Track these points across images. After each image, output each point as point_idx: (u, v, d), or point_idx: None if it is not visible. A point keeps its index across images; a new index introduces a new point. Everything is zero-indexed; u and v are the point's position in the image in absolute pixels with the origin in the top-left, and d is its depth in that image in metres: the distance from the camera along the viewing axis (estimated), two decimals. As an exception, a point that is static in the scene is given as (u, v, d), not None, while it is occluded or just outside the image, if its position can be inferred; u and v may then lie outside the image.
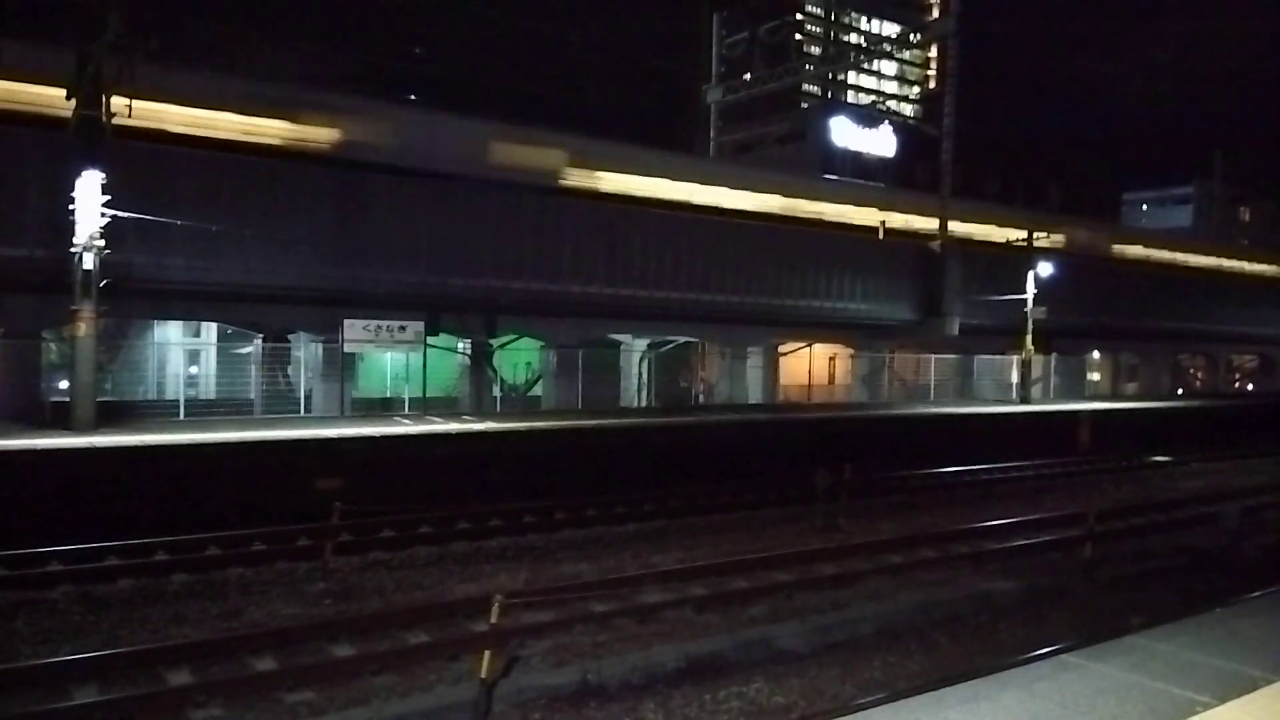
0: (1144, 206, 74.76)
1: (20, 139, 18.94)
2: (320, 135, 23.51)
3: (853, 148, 43.22)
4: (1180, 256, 46.93)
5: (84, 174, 16.31)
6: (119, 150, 16.81)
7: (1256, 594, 9.61)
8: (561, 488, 17.48)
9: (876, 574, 12.98)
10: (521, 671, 9.06)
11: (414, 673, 9.05)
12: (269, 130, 22.87)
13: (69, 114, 16.52)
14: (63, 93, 16.56)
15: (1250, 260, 52.35)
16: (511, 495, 16.77)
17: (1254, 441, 30.69)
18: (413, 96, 31.65)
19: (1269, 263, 53.17)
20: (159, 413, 21.08)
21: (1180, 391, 47.10)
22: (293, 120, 23.08)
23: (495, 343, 26.51)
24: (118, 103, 16.36)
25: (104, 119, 16.33)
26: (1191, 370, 52.04)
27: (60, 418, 16.80)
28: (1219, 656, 6.44)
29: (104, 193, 16.46)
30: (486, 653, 8.49)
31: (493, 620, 8.61)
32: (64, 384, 18.79)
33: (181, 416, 20.49)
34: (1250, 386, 55.08)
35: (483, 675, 8.37)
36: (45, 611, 10.82)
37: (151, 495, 14.62)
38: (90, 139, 16.32)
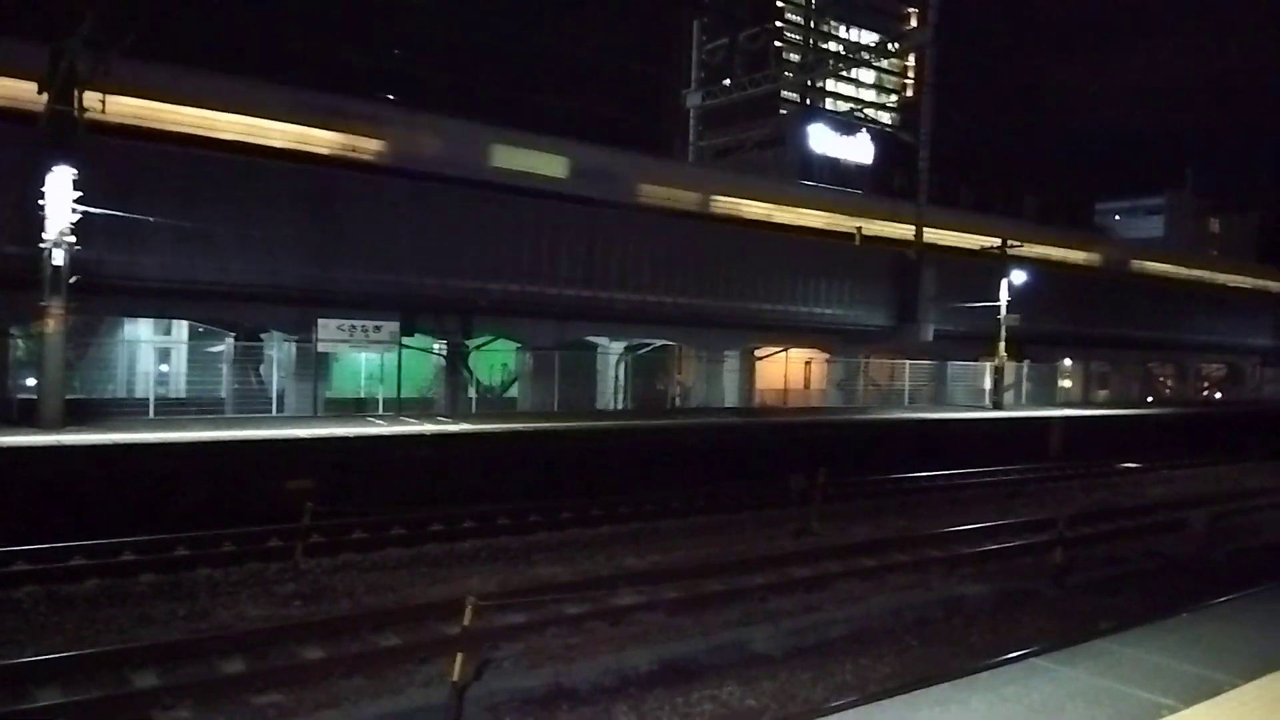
0: (1116, 217, 75.76)
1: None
2: (370, 145, 23.95)
3: (831, 154, 43.48)
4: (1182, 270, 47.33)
5: (55, 169, 16.10)
6: (92, 146, 16.62)
7: (1223, 599, 9.70)
8: (536, 490, 17.43)
9: (849, 577, 13.05)
10: (493, 674, 9.02)
11: (385, 675, 8.99)
12: (318, 139, 23.63)
13: (41, 108, 16.31)
14: (35, 87, 16.36)
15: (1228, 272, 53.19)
16: (485, 497, 16.72)
17: (1222, 449, 31.14)
18: (390, 97, 31.42)
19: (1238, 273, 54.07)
20: (128, 411, 20.80)
21: (1150, 399, 47.70)
22: (344, 130, 23.99)
23: (471, 344, 26.39)
24: (90, 98, 16.18)
25: (76, 114, 16.14)
26: (1161, 378, 52.71)
27: (27, 415, 16.58)
28: (1186, 661, 6.50)
29: (76, 189, 16.26)
30: (459, 655, 8.44)
31: (465, 623, 8.57)
32: (31, 381, 18.51)
33: (151, 415, 20.26)
34: (1219, 395, 55.87)
35: (455, 678, 8.32)
36: (9, 611, 10.68)
37: (119, 494, 14.43)
38: (62, 134, 16.13)
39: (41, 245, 16.19)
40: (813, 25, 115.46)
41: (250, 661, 9.18)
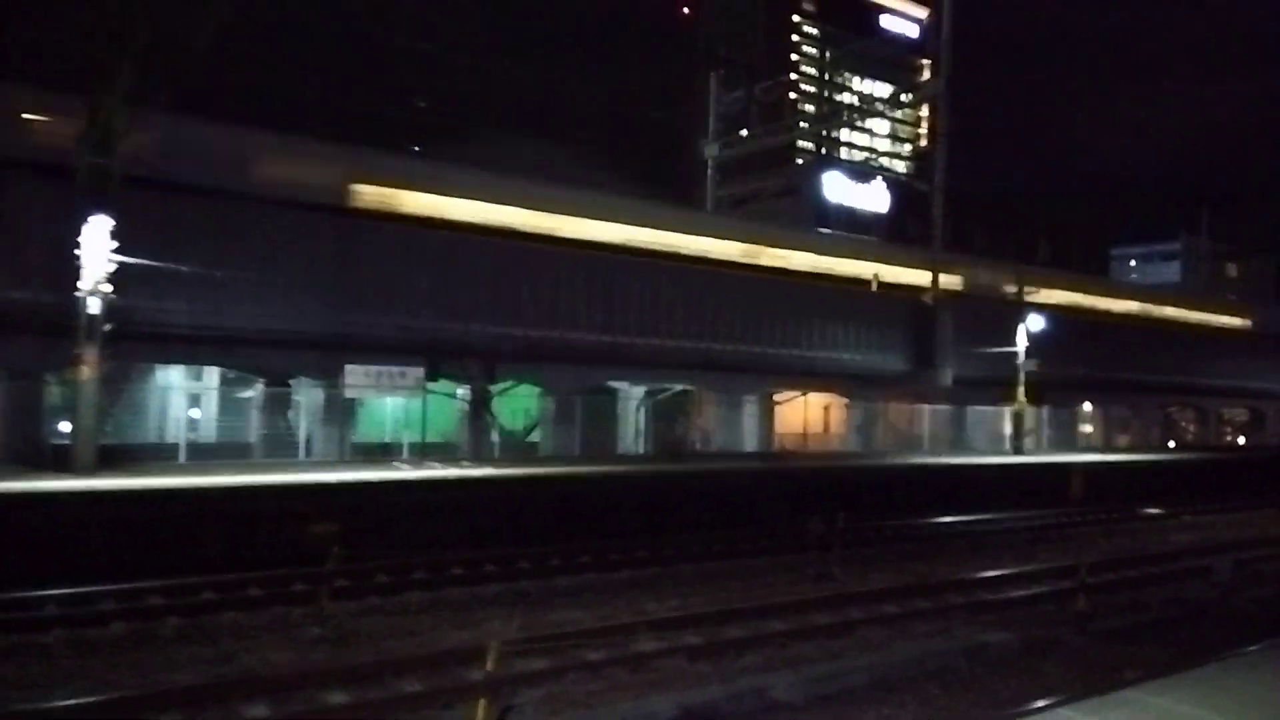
0: (1132, 262, 75.62)
1: (29, 183, 19.23)
2: None
3: (846, 203, 43.88)
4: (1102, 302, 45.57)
5: (92, 220, 16.56)
6: (126, 197, 17.09)
7: (1251, 648, 9.62)
8: (557, 534, 17.49)
9: (870, 623, 12.97)
10: None
11: (408, 720, 9.02)
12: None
13: (78, 159, 16.83)
14: (72, 138, 16.89)
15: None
16: (507, 541, 16.78)
17: (1245, 495, 30.77)
18: (416, 147, 32.14)
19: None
20: (160, 456, 21.06)
21: (1171, 444, 47.23)
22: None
23: (494, 389, 26.62)
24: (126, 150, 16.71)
25: (113, 166, 16.64)
26: (1182, 423, 52.23)
27: (61, 460, 16.83)
28: (1216, 711, 6.42)
29: (111, 238, 16.70)
30: (482, 701, 8.49)
31: (488, 667, 8.62)
32: (65, 426, 18.84)
33: (182, 460, 20.52)
34: (1241, 440, 55.24)
35: (477, 723, 8.36)
36: (37, 656, 10.75)
37: (149, 539, 14.60)
38: (99, 185, 16.61)
39: (77, 293, 16.59)
40: (827, 77, 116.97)
41: (274, 706, 9.19)
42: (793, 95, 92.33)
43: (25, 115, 19.67)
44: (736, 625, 12.46)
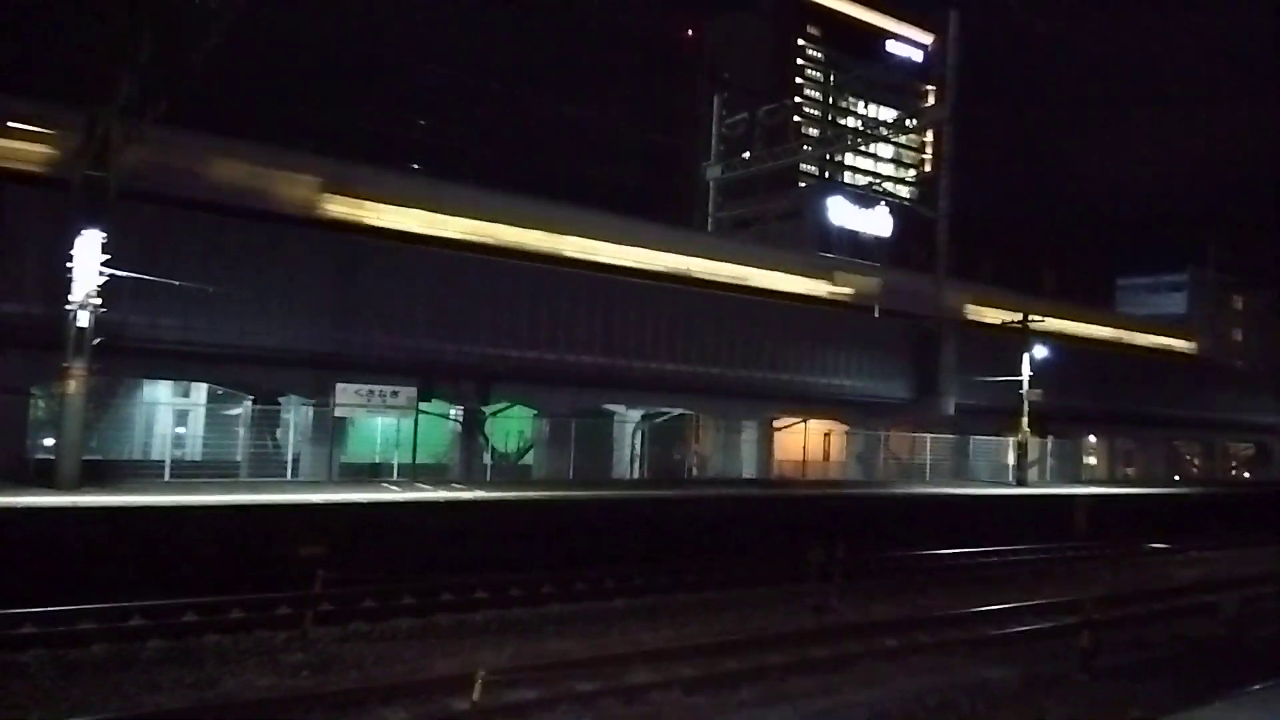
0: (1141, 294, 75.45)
1: (22, 196, 19.08)
2: None
3: (850, 226, 43.83)
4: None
5: (85, 233, 16.40)
6: (120, 210, 16.93)
7: (1257, 686, 9.36)
8: (550, 560, 17.18)
9: (870, 657, 12.67)
10: (501, 753, 8.74)
11: (390, 751, 8.73)
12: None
13: (72, 173, 16.70)
14: (66, 152, 16.78)
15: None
16: (498, 567, 16.48)
17: (1251, 530, 30.41)
18: (415, 166, 32.07)
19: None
20: (144, 473, 20.81)
21: (1177, 478, 46.89)
22: None
23: (488, 410, 26.37)
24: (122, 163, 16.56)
25: (109, 179, 16.50)
26: (1188, 457, 51.91)
27: (44, 476, 16.59)
28: None
29: (103, 251, 16.53)
30: (466, 732, 8.20)
31: (475, 698, 8.34)
32: (50, 441, 18.59)
33: (167, 478, 20.26)
34: (1247, 475, 54.92)
35: (461, 756, 8.07)
36: (15, 675, 10.51)
37: (131, 558, 14.33)
38: (94, 199, 16.46)
39: (67, 307, 16.39)
40: (831, 101, 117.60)
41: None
42: (796, 118, 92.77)
43: (21, 126, 19.55)
44: (733, 657, 12.15)
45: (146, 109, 16.64)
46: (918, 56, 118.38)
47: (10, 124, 19.65)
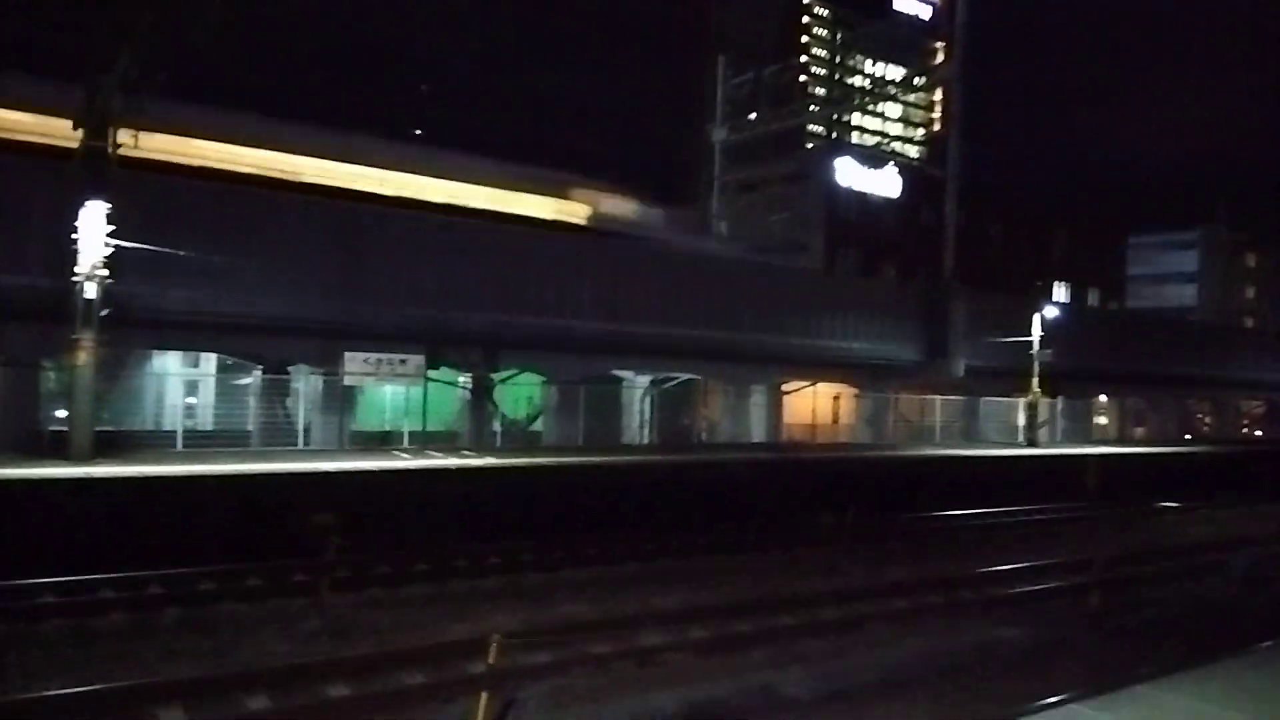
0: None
1: (27, 168, 19.00)
2: None
3: (857, 188, 43.40)
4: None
5: (89, 204, 16.35)
6: (125, 181, 16.87)
7: (1266, 644, 9.39)
8: (561, 526, 17.28)
9: (880, 619, 12.76)
10: (518, 715, 8.85)
11: (409, 714, 8.86)
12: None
13: (76, 144, 16.61)
14: (69, 124, 16.67)
15: None
16: (510, 533, 16.58)
17: (1263, 488, 30.40)
18: (418, 131, 31.79)
19: None
20: (156, 443, 20.93)
21: (1188, 437, 46.82)
22: None
23: (497, 377, 26.40)
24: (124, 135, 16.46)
25: (110, 150, 16.41)
26: (1199, 415, 51.79)
27: (58, 447, 16.69)
28: (1229, 708, 6.33)
29: (109, 223, 16.49)
30: (484, 695, 8.30)
31: (490, 661, 8.42)
32: (62, 413, 18.68)
33: (179, 447, 20.37)
34: (1259, 432, 54.80)
35: (480, 718, 8.16)
36: (35, 645, 10.65)
37: (146, 527, 14.44)
38: (96, 170, 16.39)
39: (74, 279, 16.39)
40: (838, 60, 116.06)
41: (275, 699, 9.06)
42: (803, 78, 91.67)
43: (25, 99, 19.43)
44: (745, 620, 12.24)
45: (146, 80, 16.50)
46: (926, 14, 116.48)
47: (14, 96, 19.50)
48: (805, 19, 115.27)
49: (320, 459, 18.71)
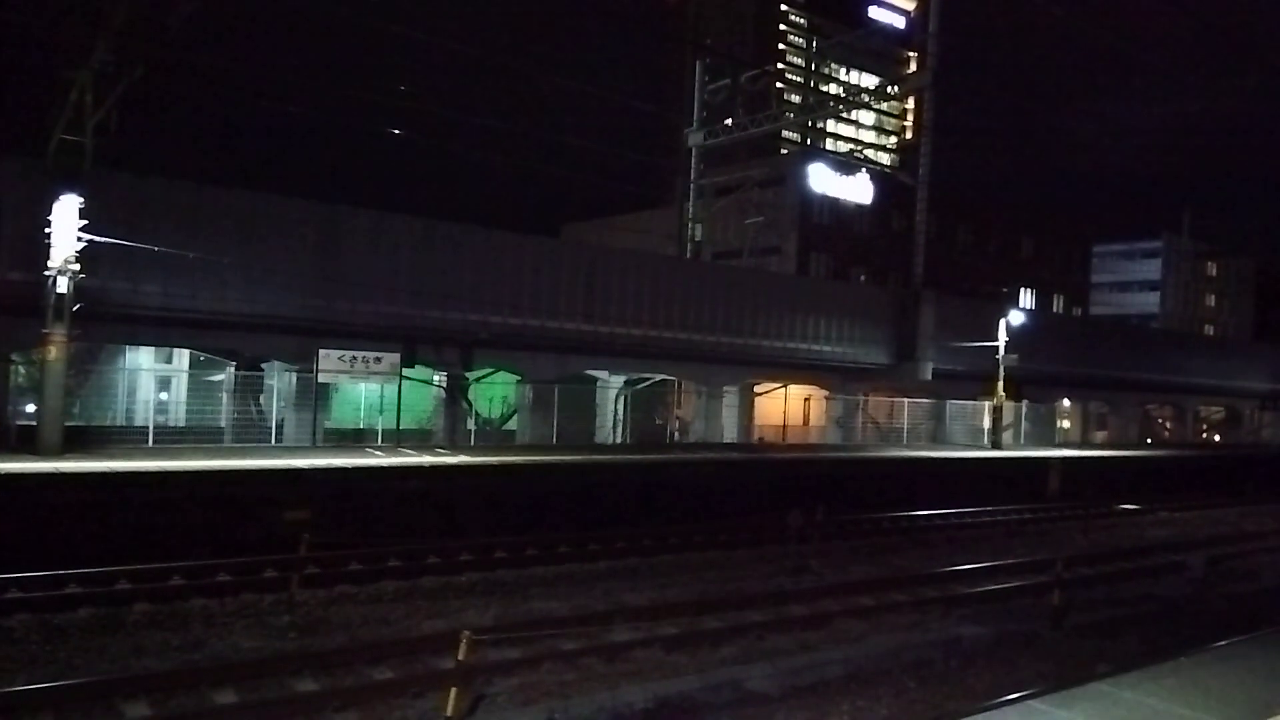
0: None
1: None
2: None
3: (830, 193, 43.77)
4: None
5: (62, 198, 16.24)
6: (99, 176, 16.77)
7: (1221, 643, 9.67)
8: (533, 523, 17.37)
9: (847, 616, 12.97)
10: (487, 710, 8.94)
11: (378, 709, 8.91)
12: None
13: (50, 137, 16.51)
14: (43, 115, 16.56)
15: None
16: (482, 530, 16.64)
17: (1220, 492, 31.05)
18: (396, 131, 31.72)
19: None
20: (127, 439, 20.77)
21: (1149, 441, 47.64)
22: None
23: (471, 376, 26.42)
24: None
25: (85, 144, 16.33)
26: (1160, 420, 52.67)
27: (26, 442, 16.55)
28: (1184, 705, 6.49)
29: (81, 217, 16.38)
30: (453, 690, 8.39)
31: (460, 657, 8.52)
32: (31, 408, 18.51)
33: (150, 443, 20.23)
34: (1217, 438, 55.80)
35: (449, 713, 8.26)
36: (1, 640, 10.58)
37: (116, 523, 14.37)
38: (70, 164, 16.29)
39: (46, 272, 16.27)
40: (814, 67, 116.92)
41: (243, 693, 9.09)
42: (779, 85, 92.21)
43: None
44: (713, 616, 12.41)
45: (122, 73, 16.44)
46: (900, 23, 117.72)
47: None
48: (781, 26, 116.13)
49: (293, 456, 18.66)
